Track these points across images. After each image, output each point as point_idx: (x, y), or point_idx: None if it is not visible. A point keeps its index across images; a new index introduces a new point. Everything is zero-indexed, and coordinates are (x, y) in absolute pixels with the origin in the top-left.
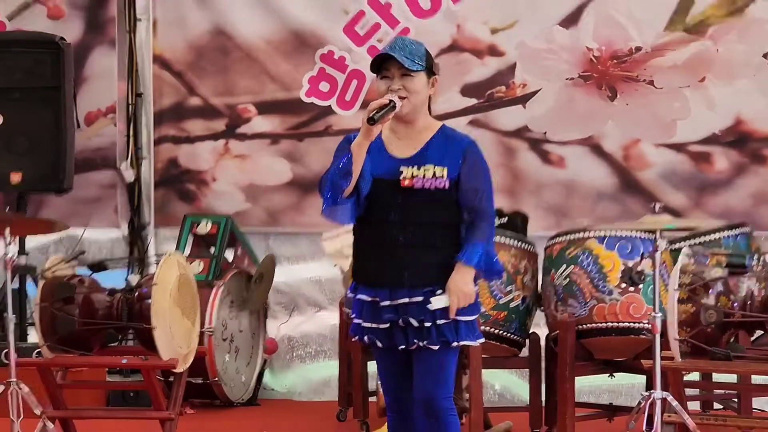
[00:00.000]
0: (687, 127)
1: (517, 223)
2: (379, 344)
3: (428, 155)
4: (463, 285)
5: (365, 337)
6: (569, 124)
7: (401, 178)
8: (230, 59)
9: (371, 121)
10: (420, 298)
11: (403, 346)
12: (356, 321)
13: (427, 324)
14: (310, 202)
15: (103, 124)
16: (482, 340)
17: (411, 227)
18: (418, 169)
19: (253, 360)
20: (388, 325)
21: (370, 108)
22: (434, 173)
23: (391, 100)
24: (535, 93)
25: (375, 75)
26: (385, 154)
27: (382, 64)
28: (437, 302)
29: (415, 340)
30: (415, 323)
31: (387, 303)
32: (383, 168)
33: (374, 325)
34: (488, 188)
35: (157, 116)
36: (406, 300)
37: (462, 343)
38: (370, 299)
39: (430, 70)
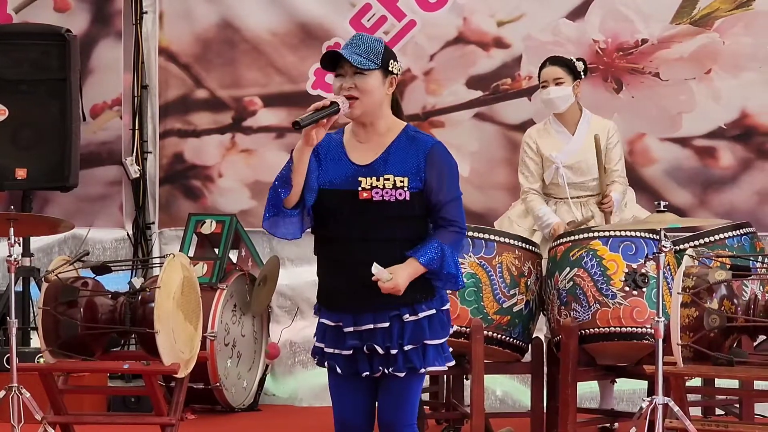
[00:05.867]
0: (692, 121)
1: None
2: (339, 371)
3: (388, 162)
4: (402, 278)
5: (325, 362)
6: None
7: (359, 189)
8: (237, 51)
9: (296, 125)
10: (386, 324)
11: (367, 373)
12: (318, 345)
13: (394, 351)
14: None
15: (108, 116)
16: (452, 362)
17: (373, 243)
18: (377, 179)
19: (255, 365)
20: (351, 351)
21: (309, 109)
22: (394, 183)
23: (333, 102)
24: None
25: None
26: (345, 160)
27: (337, 61)
28: (376, 270)
29: (380, 367)
30: (380, 350)
31: (351, 329)
32: (341, 176)
33: (337, 351)
34: (456, 197)
35: (162, 109)
36: (371, 326)
37: (429, 369)
38: (333, 324)
39: (387, 68)
